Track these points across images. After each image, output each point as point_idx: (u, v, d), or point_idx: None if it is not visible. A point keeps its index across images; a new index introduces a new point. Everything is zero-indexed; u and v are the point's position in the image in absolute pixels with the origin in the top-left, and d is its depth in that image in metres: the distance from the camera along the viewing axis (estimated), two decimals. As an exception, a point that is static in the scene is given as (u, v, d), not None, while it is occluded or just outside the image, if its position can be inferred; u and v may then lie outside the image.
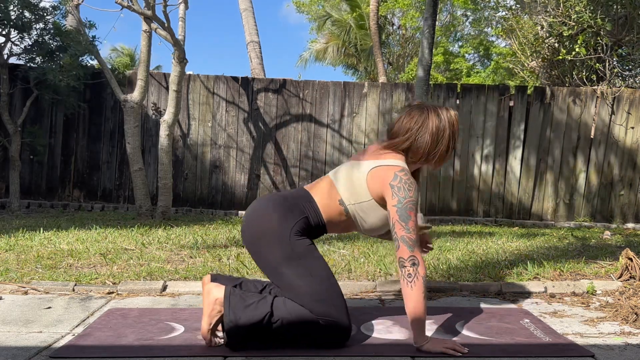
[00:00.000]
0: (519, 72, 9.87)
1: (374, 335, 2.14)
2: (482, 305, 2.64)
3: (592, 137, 7.03)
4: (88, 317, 2.36)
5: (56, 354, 1.90)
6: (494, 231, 5.52)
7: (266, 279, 2.29)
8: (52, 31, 6.22)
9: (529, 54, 9.11)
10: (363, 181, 2.02)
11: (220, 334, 2.02)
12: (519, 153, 7.05)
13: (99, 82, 6.84)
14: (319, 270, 1.98)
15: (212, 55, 51.54)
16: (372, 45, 13.23)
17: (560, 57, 7.87)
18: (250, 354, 1.92)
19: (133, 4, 5.59)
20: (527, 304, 2.69)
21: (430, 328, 2.24)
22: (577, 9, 7.40)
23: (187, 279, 3.02)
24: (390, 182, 1.95)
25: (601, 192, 7.06)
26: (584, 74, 7.75)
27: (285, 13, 44.23)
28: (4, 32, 6.12)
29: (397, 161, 2.02)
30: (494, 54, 17.51)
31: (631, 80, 8.11)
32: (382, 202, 2.01)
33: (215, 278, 2.12)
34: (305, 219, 2.04)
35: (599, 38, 7.43)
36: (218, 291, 1.99)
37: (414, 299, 1.89)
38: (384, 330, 2.20)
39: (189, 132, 7.06)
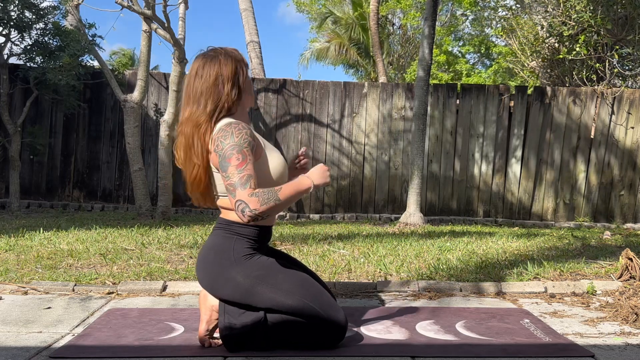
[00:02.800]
0: (519, 72, 9.88)
1: (374, 335, 2.14)
2: (482, 305, 2.64)
3: (592, 137, 7.03)
4: (88, 317, 2.36)
5: (56, 354, 1.90)
6: (494, 231, 5.52)
7: None
8: (52, 31, 6.22)
9: (529, 54, 9.11)
10: (213, 168, 1.98)
11: (217, 334, 2.02)
12: (519, 153, 7.05)
13: (99, 82, 6.84)
14: (289, 281, 1.94)
15: (212, 55, 51.45)
16: (372, 44, 13.21)
17: (561, 57, 7.87)
18: (250, 354, 1.92)
19: (133, 4, 5.59)
20: (527, 304, 2.68)
21: (430, 328, 2.24)
22: (577, 8, 7.40)
23: (187, 279, 3.02)
24: (214, 148, 1.91)
25: (601, 192, 7.06)
26: (584, 74, 7.75)
27: (282, 14, 44.19)
28: (4, 32, 6.12)
29: (216, 127, 1.96)
30: (495, 54, 17.51)
31: (631, 80, 8.11)
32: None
33: None
34: (237, 237, 1.98)
35: (599, 38, 7.43)
36: (214, 298, 1.99)
37: (279, 210, 1.87)
38: (384, 330, 2.20)
39: (189, 132, 7.05)
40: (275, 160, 2.01)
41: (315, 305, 1.91)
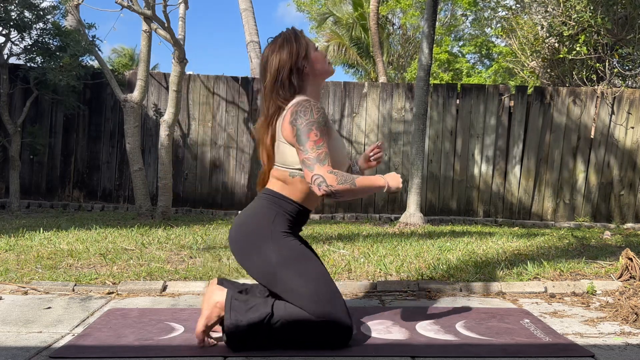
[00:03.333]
0: (519, 72, 9.88)
1: (374, 335, 2.14)
2: (482, 305, 2.64)
3: (592, 137, 7.03)
4: (88, 317, 2.36)
5: (56, 354, 1.90)
6: (494, 231, 5.52)
7: None
8: (52, 31, 6.22)
9: (529, 54, 9.11)
10: (281, 138, 2.02)
11: (214, 334, 2.02)
12: (519, 153, 7.05)
13: (99, 82, 6.84)
14: (313, 271, 1.97)
15: (212, 55, 51.51)
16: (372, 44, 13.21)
17: (561, 57, 7.87)
18: (250, 354, 1.92)
19: (133, 4, 5.59)
20: (527, 304, 2.69)
21: (430, 328, 2.24)
22: (577, 8, 7.40)
23: (187, 279, 3.01)
24: (290, 120, 1.95)
25: (601, 192, 7.06)
26: (584, 74, 7.75)
27: (281, 14, 44.20)
28: (4, 32, 6.12)
29: (291, 102, 2.02)
30: (495, 54, 17.52)
31: (631, 80, 8.11)
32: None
33: (221, 282, 2.12)
34: (280, 212, 2.02)
35: (599, 38, 7.43)
36: (220, 294, 1.98)
37: (352, 196, 1.92)
38: (384, 330, 2.20)
39: (189, 132, 7.06)
40: (339, 144, 2.07)
41: (329, 304, 1.92)
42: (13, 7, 5.95)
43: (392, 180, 1.99)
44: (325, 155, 1.89)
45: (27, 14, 6.07)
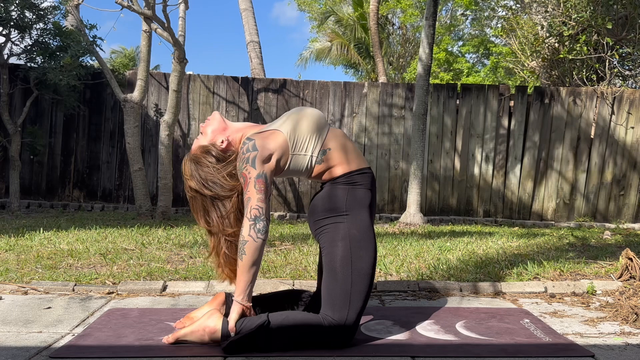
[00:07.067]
0: (519, 72, 9.88)
1: (374, 335, 2.14)
2: (482, 305, 2.64)
3: (592, 136, 7.03)
4: (88, 317, 2.36)
5: (56, 354, 1.90)
6: (494, 231, 5.52)
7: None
8: (52, 31, 6.22)
9: (529, 54, 9.11)
10: (266, 171, 2.06)
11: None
12: (519, 153, 7.05)
13: (99, 82, 6.84)
14: (365, 264, 1.97)
15: (212, 55, 51.52)
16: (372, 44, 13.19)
17: (561, 57, 7.87)
18: (250, 354, 1.92)
19: (133, 4, 5.59)
20: (527, 304, 2.69)
21: (430, 328, 2.24)
22: (577, 8, 7.40)
23: (187, 279, 3.02)
24: (243, 163, 2.03)
25: (601, 192, 7.06)
26: (584, 73, 7.75)
27: (276, 15, 44.13)
28: (4, 32, 6.12)
29: (239, 158, 2.06)
30: (494, 53, 17.53)
31: (631, 80, 8.10)
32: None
33: (228, 297, 2.12)
34: (351, 187, 2.04)
35: (599, 38, 7.43)
36: (215, 321, 1.96)
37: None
38: (384, 330, 2.20)
39: (189, 132, 7.06)
40: (302, 125, 2.06)
41: (351, 304, 1.93)
42: (13, 7, 5.94)
43: (234, 310, 1.92)
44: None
45: (27, 14, 6.07)
